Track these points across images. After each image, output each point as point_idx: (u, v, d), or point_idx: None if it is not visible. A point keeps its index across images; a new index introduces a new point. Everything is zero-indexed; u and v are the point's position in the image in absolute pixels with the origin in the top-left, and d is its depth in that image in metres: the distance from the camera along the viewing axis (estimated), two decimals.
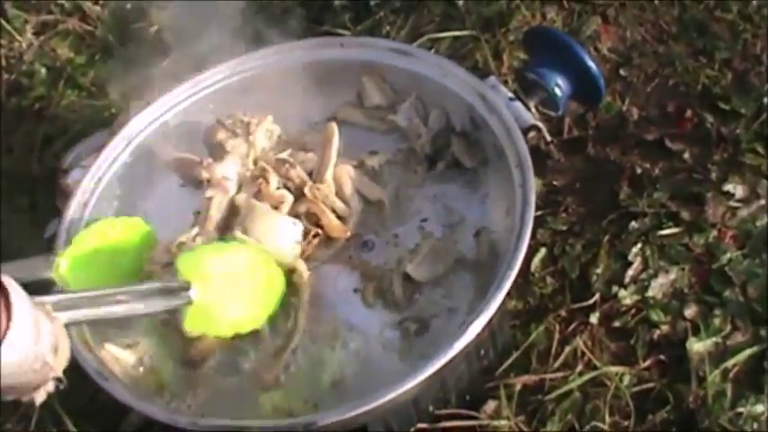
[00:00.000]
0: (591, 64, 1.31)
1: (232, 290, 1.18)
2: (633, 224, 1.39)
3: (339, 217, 1.30)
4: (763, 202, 1.39)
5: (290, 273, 1.26)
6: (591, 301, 1.35)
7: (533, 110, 1.32)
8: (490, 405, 1.28)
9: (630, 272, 1.36)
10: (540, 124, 1.32)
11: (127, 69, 1.75)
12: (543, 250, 1.40)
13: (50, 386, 1.00)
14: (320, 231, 1.29)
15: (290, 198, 1.29)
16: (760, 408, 1.24)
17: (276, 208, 1.29)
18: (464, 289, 1.25)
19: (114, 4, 1.84)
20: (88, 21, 1.83)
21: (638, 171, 1.44)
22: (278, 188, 1.30)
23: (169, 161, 1.41)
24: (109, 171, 1.36)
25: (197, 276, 1.14)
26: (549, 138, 1.40)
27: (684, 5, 1.63)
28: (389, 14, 1.69)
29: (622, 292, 1.35)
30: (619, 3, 1.64)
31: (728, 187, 1.41)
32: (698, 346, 1.29)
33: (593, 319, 1.33)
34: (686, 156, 1.45)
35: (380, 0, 1.71)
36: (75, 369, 1.18)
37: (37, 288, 1.00)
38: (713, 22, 1.60)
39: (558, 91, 1.32)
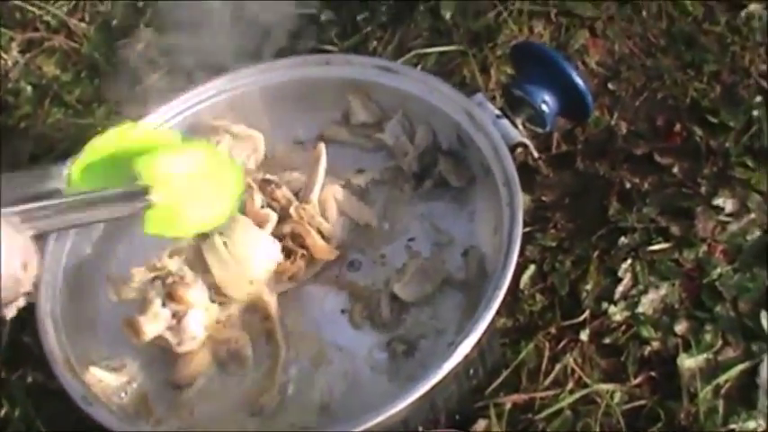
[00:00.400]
0: (578, 81, 1.31)
1: (192, 189, 1.17)
2: (623, 240, 1.38)
3: (324, 238, 1.30)
4: (753, 215, 1.38)
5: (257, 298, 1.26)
6: (581, 318, 1.33)
7: (520, 127, 1.31)
8: (480, 424, 1.27)
9: (620, 288, 1.35)
10: (528, 141, 1.31)
11: (113, 87, 1.75)
12: (532, 267, 1.39)
13: (21, 302, 1.01)
14: (305, 252, 1.28)
15: (274, 217, 1.28)
16: (752, 424, 1.23)
17: (260, 226, 1.28)
18: (452, 309, 1.25)
19: (101, 21, 1.83)
20: (74, 38, 1.82)
21: (628, 186, 1.43)
22: (262, 207, 1.29)
23: None
24: None
25: (157, 177, 1.14)
26: (536, 155, 1.40)
27: (672, 18, 1.62)
28: (376, 30, 1.68)
29: (612, 309, 1.33)
30: (607, 16, 1.63)
31: (718, 201, 1.40)
32: (689, 363, 1.28)
33: (584, 336, 1.32)
34: (675, 170, 1.44)
35: (367, 15, 1.70)
36: (60, 393, 1.18)
37: None
38: (701, 35, 1.59)
39: (545, 108, 1.32)
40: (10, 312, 1.02)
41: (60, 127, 1.71)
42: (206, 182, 1.19)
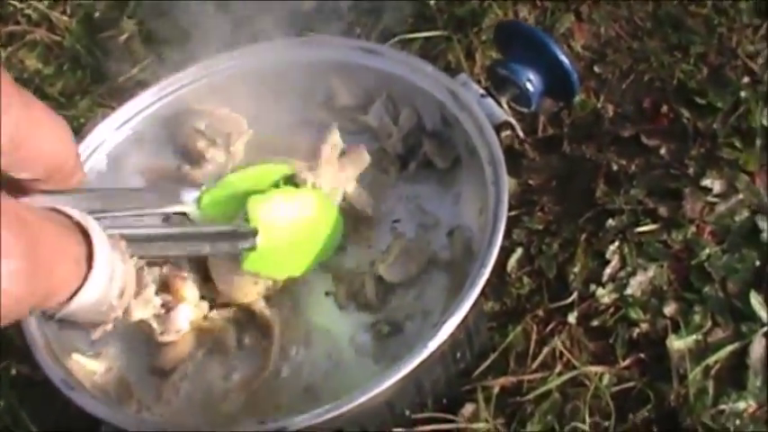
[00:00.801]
0: (563, 58, 1.29)
1: (295, 235, 1.20)
2: (610, 222, 1.37)
3: None
4: (741, 196, 1.38)
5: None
6: (569, 301, 1.32)
7: (505, 106, 1.30)
8: (468, 408, 1.26)
9: (608, 270, 1.34)
10: (513, 120, 1.30)
11: (95, 79, 1.74)
12: (519, 250, 1.38)
13: (110, 326, 1.02)
14: None
15: None
16: (742, 404, 1.22)
17: None
18: (438, 290, 1.23)
19: (83, 14, 1.82)
20: (56, 31, 1.81)
21: (615, 168, 1.42)
22: None
23: (138, 167, 1.39)
24: None
25: (266, 220, 1.16)
26: (521, 134, 1.39)
27: (659, 1, 1.62)
28: (361, 16, 1.68)
29: (600, 291, 1.32)
30: (592, 0, 1.63)
31: (706, 182, 1.39)
32: (678, 344, 1.27)
33: (572, 318, 1.31)
34: (663, 151, 1.43)
35: (352, 2, 1.69)
36: (44, 384, 1.16)
37: None
38: (688, 17, 1.58)
39: (530, 86, 1.30)
40: (97, 334, 1.04)
41: None
42: (310, 228, 1.22)
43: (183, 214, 1.20)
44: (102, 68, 1.74)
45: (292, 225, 1.20)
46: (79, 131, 1.48)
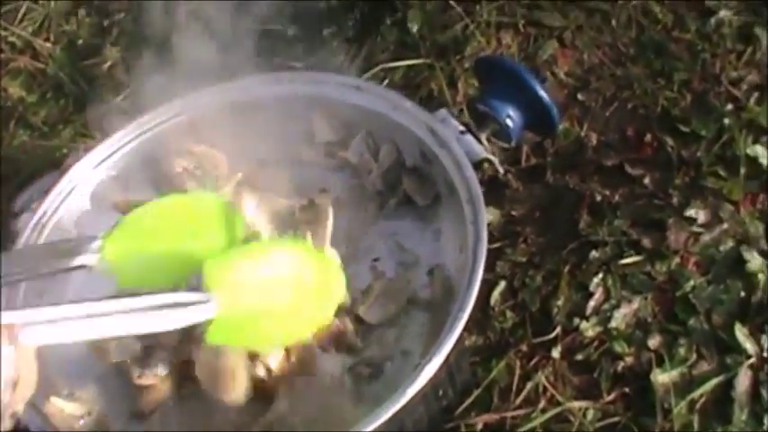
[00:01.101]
0: (542, 94, 1.29)
1: (268, 299, 1.03)
2: (594, 253, 1.36)
3: None
4: (725, 226, 1.37)
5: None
6: (552, 335, 1.31)
7: (485, 142, 1.29)
8: None
9: (592, 303, 1.33)
10: (492, 157, 1.29)
11: (78, 107, 1.73)
12: (503, 283, 1.37)
13: (7, 423, 0.86)
14: None
15: None
16: None
17: None
18: (418, 330, 1.23)
19: (66, 41, 1.81)
20: (40, 59, 1.80)
21: (598, 198, 1.41)
22: None
23: (117, 203, 1.38)
24: (55, 215, 1.33)
25: (226, 284, 0.99)
26: (501, 170, 1.38)
27: (642, 26, 1.60)
28: (343, 44, 1.67)
29: (584, 324, 1.31)
30: (575, 26, 1.62)
31: (690, 212, 1.38)
32: (663, 378, 1.26)
33: (555, 353, 1.30)
34: (646, 181, 1.42)
35: (334, 30, 1.69)
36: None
37: None
38: (671, 43, 1.57)
39: (510, 122, 1.30)
40: None
41: (26, 149, 1.69)
42: (288, 290, 1.05)
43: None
44: (85, 97, 1.74)
45: (264, 288, 1.03)
46: (62, 162, 1.48)
